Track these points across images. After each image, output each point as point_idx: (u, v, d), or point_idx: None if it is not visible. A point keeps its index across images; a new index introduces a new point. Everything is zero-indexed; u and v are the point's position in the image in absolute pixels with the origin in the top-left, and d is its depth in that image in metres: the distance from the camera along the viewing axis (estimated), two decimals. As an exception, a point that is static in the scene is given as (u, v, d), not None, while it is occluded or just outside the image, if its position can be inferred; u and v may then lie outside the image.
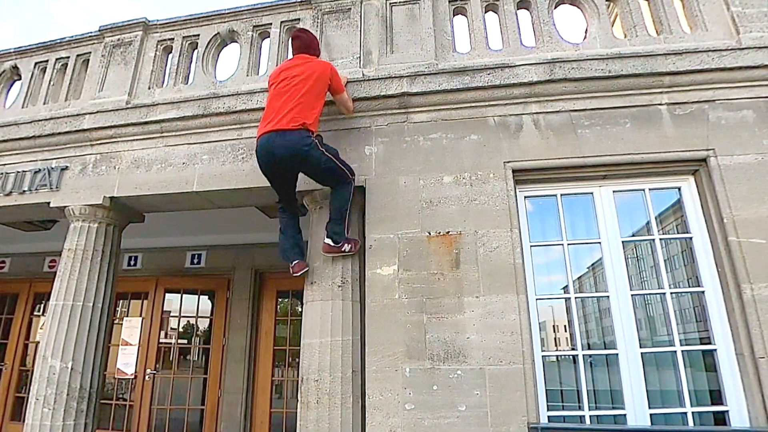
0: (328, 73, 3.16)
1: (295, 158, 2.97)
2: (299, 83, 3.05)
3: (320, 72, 3.12)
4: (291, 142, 2.93)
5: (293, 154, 2.95)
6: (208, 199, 3.85)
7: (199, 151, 3.81)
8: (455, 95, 3.47)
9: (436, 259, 3.12)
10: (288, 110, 2.97)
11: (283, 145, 2.93)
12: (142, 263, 6.75)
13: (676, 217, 3.26)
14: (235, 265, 6.52)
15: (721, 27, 3.43)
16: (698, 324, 3.06)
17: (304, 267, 3.21)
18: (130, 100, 4.09)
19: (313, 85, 3.07)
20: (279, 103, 3.02)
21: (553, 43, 3.57)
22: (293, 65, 3.19)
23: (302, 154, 2.96)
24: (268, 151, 2.98)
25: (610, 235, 3.17)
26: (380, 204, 3.32)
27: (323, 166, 3.06)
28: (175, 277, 6.65)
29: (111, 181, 3.90)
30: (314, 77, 3.08)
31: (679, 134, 3.17)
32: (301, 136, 2.95)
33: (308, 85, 3.05)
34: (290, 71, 3.14)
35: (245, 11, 4.16)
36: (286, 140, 2.93)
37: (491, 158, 3.31)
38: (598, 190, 3.29)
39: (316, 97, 3.09)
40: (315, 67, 3.14)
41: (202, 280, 6.65)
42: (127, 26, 4.33)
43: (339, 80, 3.26)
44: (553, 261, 3.26)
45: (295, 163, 3.00)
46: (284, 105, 3.00)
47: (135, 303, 6.72)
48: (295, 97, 3.00)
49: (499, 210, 3.17)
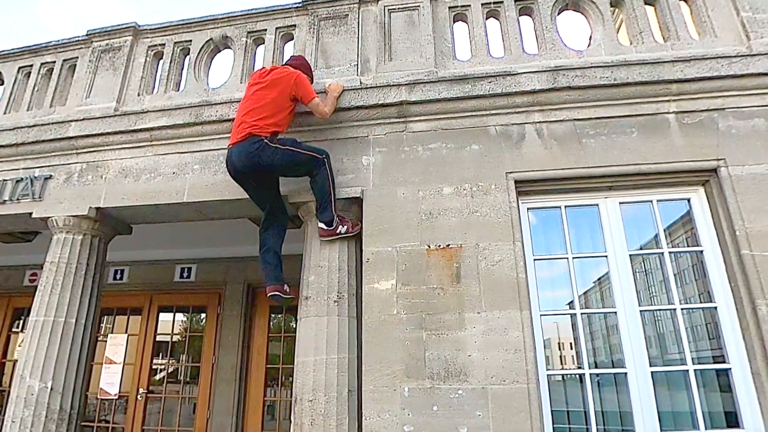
0: (291, 83, 3.22)
1: (251, 165, 3.12)
2: (258, 92, 3.23)
3: (284, 82, 3.22)
4: (242, 151, 3.12)
5: (246, 164, 3.12)
6: (199, 210, 3.82)
7: (190, 160, 3.78)
8: (455, 104, 3.46)
9: (436, 273, 3.09)
10: (241, 123, 3.18)
11: (238, 158, 3.14)
12: (128, 277, 6.66)
13: (686, 230, 3.24)
14: (227, 279, 6.45)
15: (730, 33, 3.44)
16: (711, 342, 3.03)
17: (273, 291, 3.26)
18: (118, 107, 4.07)
19: (275, 96, 3.19)
20: (239, 116, 3.24)
21: (556, 51, 3.58)
22: (261, 75, 3.34)
23: (254, 159, 3.09)
24: (231, 165, 3.22)
25: (616, 248, 3.15)
26: (378, 216, 3.29)
27: (283, 160, 3.13)
28: (163, 292, 6.57)
29: (97, 191, 3.86)
30: (277, 88, 3.21)
31: (687, 144, 3.16)
32: (250, 143, 3.10)
33: (268, 95, 3.19)
34: (256, 81, 3.31)
35: (239, 17, 4.17)
36: (239, 151, 3.13)
37: (493, 169, 3.30)
38: (604, 202, 3.28)
39: (276, 106, 3.19)
40: (278, 76, 3.25)
41: (191, 294, 6.57)
42: (116, 31, 4.33)
43: (305, 88, 3.25)
44: (558, 275, 3.24)
45: (254, 169, 3.14)
46: (241, 118, 3.20)
47: (120, 319, 6.63)
48: (252, 107, 3.18)
49: (501, 222, 3.14)
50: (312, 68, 3.69)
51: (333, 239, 3.28)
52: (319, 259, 3.29)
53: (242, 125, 3.16)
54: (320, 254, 3.29)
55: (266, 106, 3.17)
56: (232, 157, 3.18)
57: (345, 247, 3.33)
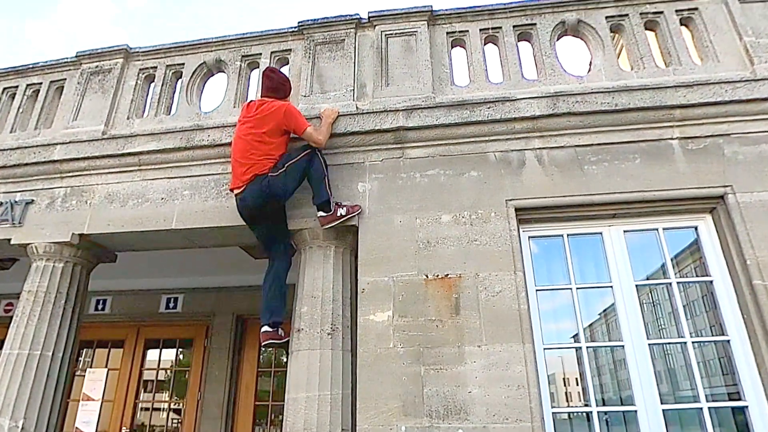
0: (280, 117, 3.28)
1: (266, 199, 3.21)
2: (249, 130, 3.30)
3: (274, 117, 3.29)
4: (254, 191, 3.22)
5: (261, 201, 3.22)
6: (188, 237, 3.78)
7: (179, 185, 3.75)
8: (454, 130, 3.48)
9: (434, 305, 3.04)
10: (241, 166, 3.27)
11: (252, 198, 3.23)
12: (111, 307, 6.53)
13: (694, 259, 3.22)
14: (215, 310, 6.32)
15: (733, 58, 3.50)
16: (725, 377, 2.97)
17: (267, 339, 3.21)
18: (106, 131, 4.06)
19: (266, 131, 3.27)
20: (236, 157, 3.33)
21: (555, 76, 3.63)
22: (248, 110, 3.42)
23: (267, 192, 3.20)
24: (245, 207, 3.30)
25: (622, 278, 3.11)
26: (374, 244, 3.26)
27: (292, 179, 3.25)
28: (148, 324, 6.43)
29: (81, 216, 3.80)
30: (268, 125, 3.28)
31: (693, 170, 3.17)
32: (259, 182, 3.21)
33: (259, 131, 3.27)
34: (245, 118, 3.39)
35: (234, 40, 4.22)
36: (251, 191, 3.23)
37: (492, 196, 3.29)
38: (608, 230, 3.26)
39: (269, 141, 3.27)
40: (267, 112, 3.31)
41: (177, 326, 6.43)
42: (107, 53, 4.36)
43: (295, 119, 3.31)
44: (562, 307, 3.19)
45: (269, 201, 3.23)
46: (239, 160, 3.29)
47: (101, 352, 6.45)
48: (247, 147, 3.27)
49: (502, 251, 3.11)
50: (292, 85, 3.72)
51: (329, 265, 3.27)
52: (313, 289, 3.23)
53: (244, 168, 3.24)
54: (313, 284, 3.24)
55: (261, 145, 3.25)
56: (246, 200, 3.25)
57: (339, 277, 3.29)
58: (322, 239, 3.36)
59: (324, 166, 3.33)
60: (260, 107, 3.35)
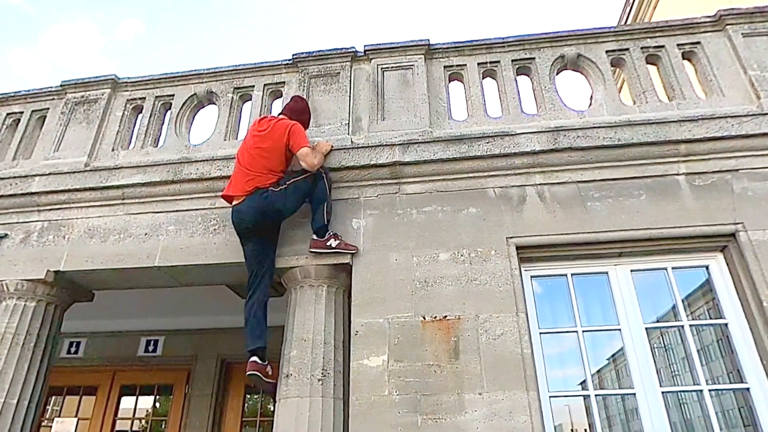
0: (284, 132, 3.36)
1: (263, 214, 3.23)
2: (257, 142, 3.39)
3: (279, 131, 3.37)
4: (252, 204, 3.25)
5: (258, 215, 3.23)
6: (172, 275, 3.72)
7: (165, 220, 3.72)
8: (452, 165, 3.49)
9: (431, 349, 2.97)
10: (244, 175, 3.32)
11: (249, 210, 3.25)
12: (85, 350, 6.33)
13: (707, 300, 3.19)
14: (197, 354, 6.15)
15: (738, 92, 3.56)
16: (746, 429, 2.88)
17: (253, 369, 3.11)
18: (89, 162, 4.04)
19: (271, 146, 3.35)
20: (240, 165, 3.39)
21: (556, 111, 3.68)
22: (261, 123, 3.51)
23: (266, 207, 3.23)
24: (240, 219, 3.29)
25: (631, 320, 3.07)
26: (369, 284, 3.22)
27: (292, 197, 3.29)
28: (125, 369, 6.22)
29: (58, 252, 3.73)
30: (273, 138, 3.36)
31: (701, 207, 3.17)
32: (258, 195, 3.25)
33: (265, 144, 3.35)
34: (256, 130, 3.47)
35: (226, 72, 4.27)
36: (250, 204, 3.25)
37: (492, 233, 3.28)
38: (614, 270, 3.24)
39: (274, 156, 3.34)
40: (276, 127, 3.41)
41: (157, 371, 6.23)
42: (93, 82, 4.38)
43: (296, 136, 3.34)
44: (568, 351, 3.14)
45: (266, 217, 3.25)
46: (243, 169, 3.35)
47: (71, 399, 6.21)
48: (253, 158, 3.34)
49: (503, 291, 3.08)
50: None
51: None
52: (303, 331, 3.16)
53: (247, 179, 3.29)
54: (304, 326, 3.16)
55: (266, 158, 3.32)
56: (242, 212, 3.27)
57: (332, 318, 3.22)
58: (313, 278, 3.30)
59: (327, 190, 3.35)
60: (272, 120, 3.47)
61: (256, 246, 3.32)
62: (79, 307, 4.21)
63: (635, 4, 8.16)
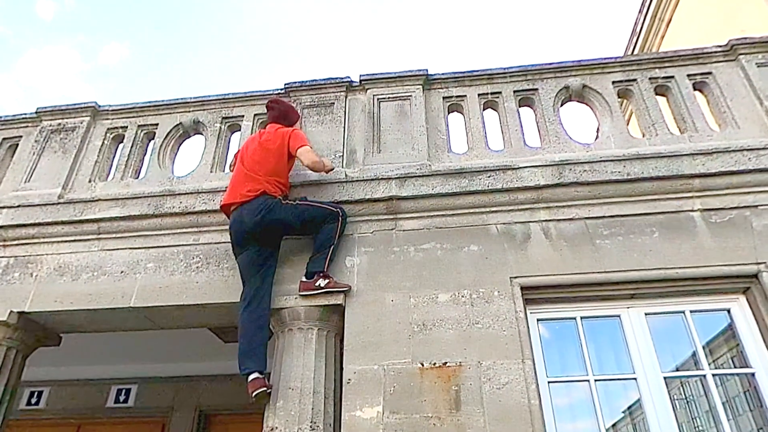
0: (286, 137, 3.50)
1: (264, 222, 3.26)
2: (259, 147, 3.51)
3: (281, 139, 3.50)
4: (255, 208, 3.29)
5: (258, 221, 3.26)
6: (148, 317, 3.66)
7: (143, 257, 3.69)
8: (451, 200, 3.51)
9: (430, 399, 2.91)
10: (250, 181, 3.39)
11: (251, 214, 3.28)
12: (47, 401, 6.14)
13: (730, 347, 3.15)
14: (174, 405, 6.00)
15: (754, 124, 3.61)
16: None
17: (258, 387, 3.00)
18: (63, 194, 4.01)
19: (275, 152, 3.46)
20: (241, 169, 3.48)
21: (560, 143, 3.72)
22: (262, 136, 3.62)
23: (268, 215, 3.27)
24: (239, 224, 3.33)
25: (647, 369, 3.02)
26: (362, 327, 3.18)
27: (299, 216, 3.34)
28: (91, 422, 6.03)
29: (23, 291, 3.66)
30: (277, 144, 3.49)
31: (718, 245, 3.18)
32: (264, 199, 3.32)
33: (271, 153, 3.46)
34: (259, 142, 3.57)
35: (214, 101, 4.32)
36: (252, 207, 3.30)
37: (495, 273, 3.27)
38: (627, 313, 3.21)
39: (281, 162, 3.47)
40: (278, 133, 3.55)
41: (128, 425, 6.04)
42: (72, 110, 4.41)
43: (296, 139, 3.50)
44: (579, 402, 3.09)
45: (267, 225, 3.27)
46: (247, 176, 3.42)
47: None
48: (257, 160, 3.45)
49: (507, 336, 3.04)
50: None
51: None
52: (291, 379, 3.08)
53: (251, 183, 3.37)
54: (292, 373, 3.09)
55: (271, 161, 3.43)
56: (243, 215, 3.30)
57: (322, 365, 3.15)
58: (303, 320, 3.25)
59: (337, 234, 3.35)
60: (275, 129, 3.61)
61: (253, 254, 3.31)
62: (44, 352, 4.10)
63: (642, 34, 8.36)
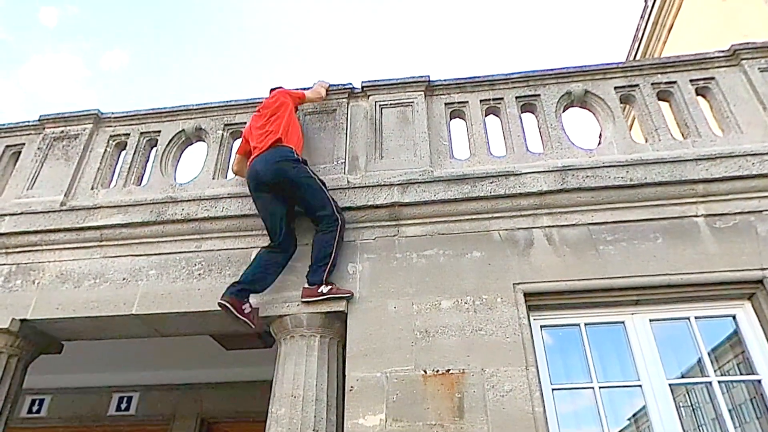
0: (286, 95, 3.83)
1: (278, 173, 3.40)
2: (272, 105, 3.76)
3: (282, 96, 3.81)
4: (270, 158, 3.46)
5: (273, 172, 3.41)
6: (150, 324, 3.68)
7: (145, 264, 3.71)
8: (454, 206, 3.53)
9: (433, 406, 2.92)
10: (267, 132, 3.58)
11: (265, 165, 3.45)
12: (48, 409, 6.16)
13: (736, 353, 3.15)
14: (175, 413, 6.00)
15: (758, 128, 3.62)
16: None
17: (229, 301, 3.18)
18: (65, 201, 4.05)
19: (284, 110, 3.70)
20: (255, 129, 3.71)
21: (563, 149, 3.75)
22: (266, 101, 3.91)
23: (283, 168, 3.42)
24: (254, 175, 3.49)
25: (652, 376, 3.01)
26: (365, 334, 3.19)
27: (308, 183, 3.43)
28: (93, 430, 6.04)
29: (26, 299, 3.69)
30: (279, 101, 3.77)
31: (723, 251, 3.18)
32: (279, 149, 3.50)
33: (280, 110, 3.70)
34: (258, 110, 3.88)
35: (217, 107, 4.36)
36: (266, 158, 3.47)
37: (498, 279, 3.28)
38: (631, 319, 3.21)
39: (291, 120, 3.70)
40: (274, 97, 3.86)
41: (129, 432, 6.05)
42: (74, 117, 4.45)
43: (293, 92, 3.92)
44: (583, 409, 3.09)
45: (280, 178, 3.40)
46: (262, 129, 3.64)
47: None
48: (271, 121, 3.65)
49: (511, 343, 3.05)
50: None
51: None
52: (292, 387, 3.09)
53: (267, 135, 3.57)
54: (294, 381, 3.10)
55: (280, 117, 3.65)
56: (256, 167, 3.48)
57: (324, 372, 3.16)
58: (305, 327, 3.27)
59: (337, 242, 3.36)
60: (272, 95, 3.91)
61: (274, 201, 3.46)
62: (46, 360, 4.13)
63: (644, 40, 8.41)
